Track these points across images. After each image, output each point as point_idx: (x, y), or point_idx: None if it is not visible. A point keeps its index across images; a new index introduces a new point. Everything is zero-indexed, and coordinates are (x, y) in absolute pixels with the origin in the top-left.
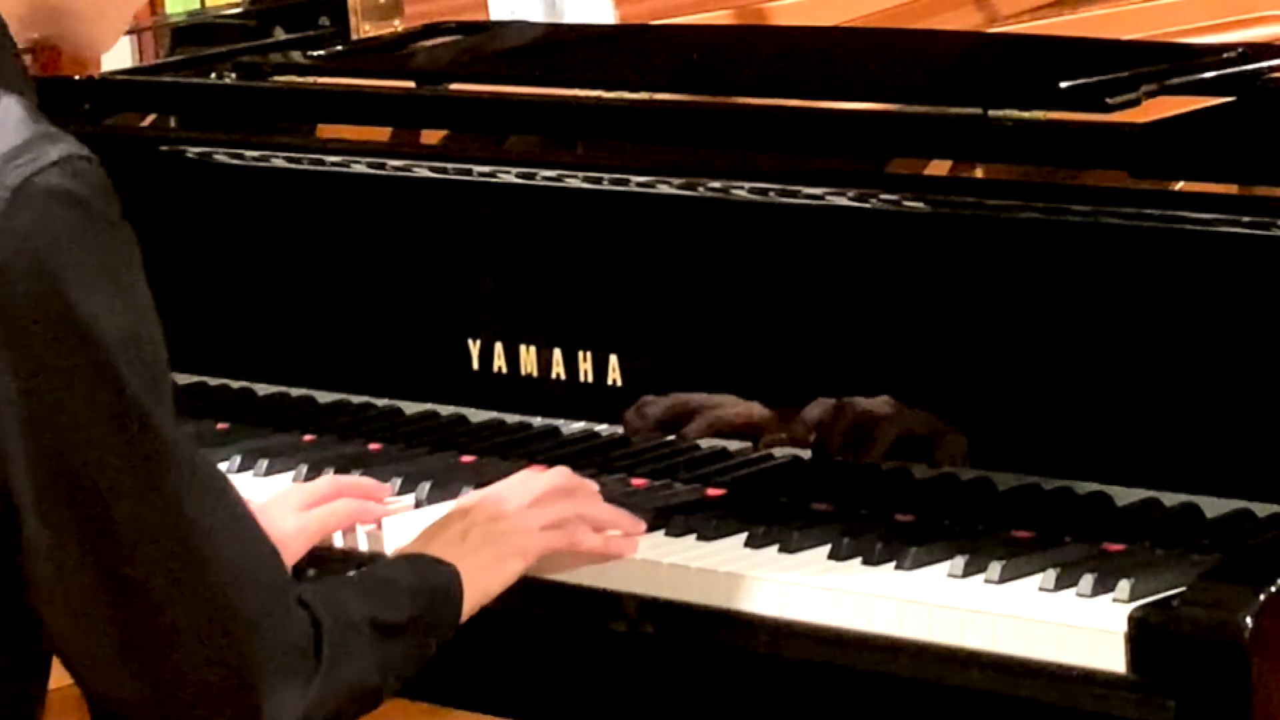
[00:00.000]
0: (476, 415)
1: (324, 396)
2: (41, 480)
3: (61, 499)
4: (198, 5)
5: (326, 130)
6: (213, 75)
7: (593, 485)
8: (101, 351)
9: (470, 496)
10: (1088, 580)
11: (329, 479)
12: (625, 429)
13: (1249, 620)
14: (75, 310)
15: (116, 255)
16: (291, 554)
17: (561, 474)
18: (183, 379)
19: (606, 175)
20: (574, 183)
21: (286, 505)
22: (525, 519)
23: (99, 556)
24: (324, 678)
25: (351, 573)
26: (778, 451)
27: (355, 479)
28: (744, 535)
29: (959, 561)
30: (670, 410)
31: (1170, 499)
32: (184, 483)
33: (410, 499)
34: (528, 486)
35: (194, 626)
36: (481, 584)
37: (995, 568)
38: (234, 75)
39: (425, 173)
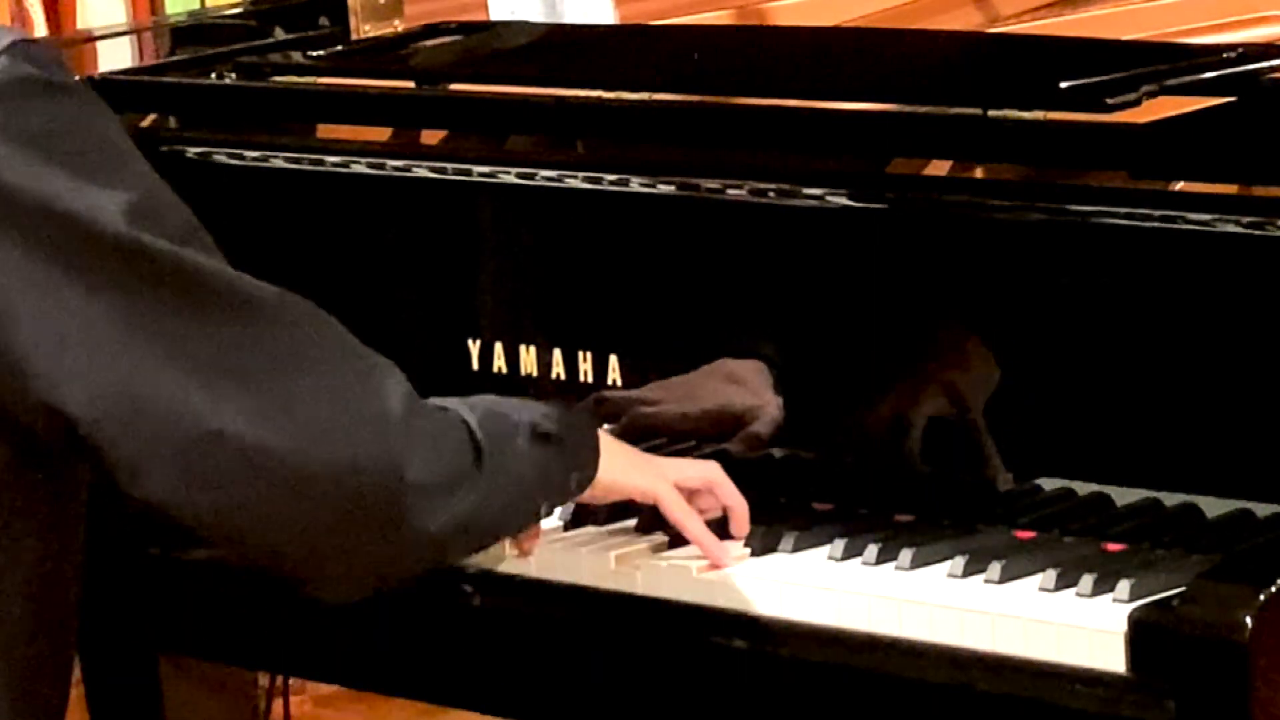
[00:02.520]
0: None
1: None
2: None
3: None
4: (198, 5)
5: (326, 130)
6: (213, 75)
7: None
8: (120, 238)
9: None
10: (1088, 580)
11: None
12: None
13: (1249, 620)
14: (81, 203)
15: (100, 126)
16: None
17: (714, 466)
18: None
19: (606, 175)
20: (574, 183)
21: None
22: (663, 465)
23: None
24: (485, 479)
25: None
26: (777, 451)
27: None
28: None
29: (959, 561)
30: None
31: (1170, 499)
32: (263, 316)
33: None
34: (678, 462)
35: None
36: (611, 468)
37: (995, 568)
38: (234, 75)
39: (425, 173)
